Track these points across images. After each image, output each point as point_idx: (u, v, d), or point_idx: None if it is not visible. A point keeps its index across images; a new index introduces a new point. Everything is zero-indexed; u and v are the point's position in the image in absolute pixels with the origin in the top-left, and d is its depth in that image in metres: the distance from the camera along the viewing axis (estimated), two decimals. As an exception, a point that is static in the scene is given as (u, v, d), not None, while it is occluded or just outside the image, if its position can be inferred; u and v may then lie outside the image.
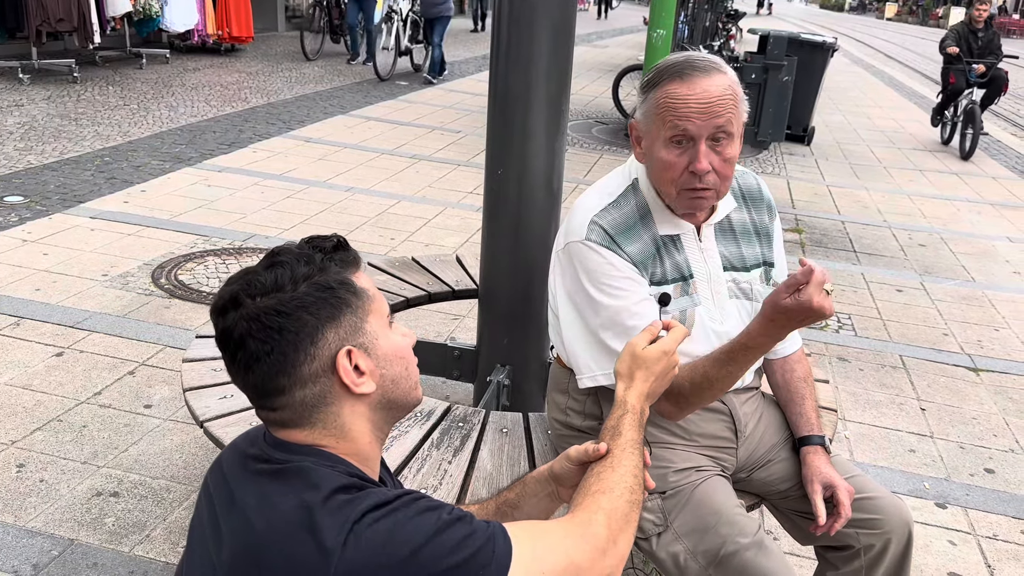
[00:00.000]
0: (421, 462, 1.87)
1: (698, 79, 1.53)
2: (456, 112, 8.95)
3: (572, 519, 1.12)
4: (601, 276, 1.61)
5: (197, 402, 2.03)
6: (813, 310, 1.40)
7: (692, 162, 1.55)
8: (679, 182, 1.58)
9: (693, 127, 1.53)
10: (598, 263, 1.61)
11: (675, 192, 1.60)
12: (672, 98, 1.54)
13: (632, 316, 1.60)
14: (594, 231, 1.62)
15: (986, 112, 9.61)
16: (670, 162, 1.57)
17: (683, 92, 1.53)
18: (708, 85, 1.52)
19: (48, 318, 3.56)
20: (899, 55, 24.30)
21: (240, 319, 1.00)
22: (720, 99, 1.52)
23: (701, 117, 1.52)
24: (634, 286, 1.62)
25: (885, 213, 6.44)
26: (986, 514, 2.80)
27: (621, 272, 1.61)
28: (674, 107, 1.54)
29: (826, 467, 1.71)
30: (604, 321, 1.62)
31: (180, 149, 6.47)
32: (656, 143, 1.58)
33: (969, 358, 3.98)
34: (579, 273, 1.64)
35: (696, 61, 1.56)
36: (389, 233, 5.00)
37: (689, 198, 1.60)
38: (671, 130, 1.55)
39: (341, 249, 1.08)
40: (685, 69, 1.54)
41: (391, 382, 1.08)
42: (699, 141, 1.54)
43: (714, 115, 1.52)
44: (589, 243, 1.62)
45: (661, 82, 1.56)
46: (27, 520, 2.37)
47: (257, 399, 1.05)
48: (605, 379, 1.67)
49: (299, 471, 1.00)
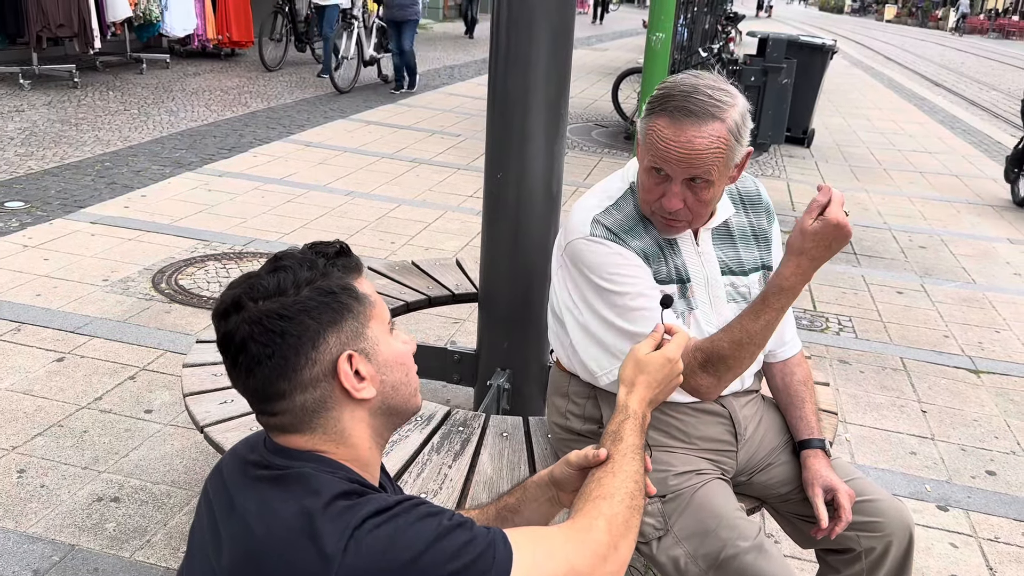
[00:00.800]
0: (421, 466, 1.87)
1: (687, 127, 1.49)
2: (456, 116, 8.95)
3: (572, 525, 1.12)
4: (608, 266, 1.61)
5: (197, 407, 2.03)
6: (840, 227, 1.44)
7: (665, 196, 1.57)
8: (652, 204, 1.61)
9: (669, 169, 1.54)
10: (604, 254, 1.61)
11: (650, 211, 1.63)
12: (657, 135, 1.53)
13: (645, 298, 1.60)
14: (597, 228, 1.63)
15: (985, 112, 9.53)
16: (648, 187, 1.59)
17: (668, 134, 1.51)
18: (695, 135, 1.49)
19: (49, 323, 3.56)
20: (899, 57, 24.33)
21: (242, 322, 1.01)
22: (703, 152, 1.50)
23: (679, 164, 1.52)
24: (643, 273, 1.62)
25: (885, 215, 6.44)
26: (988, 516, 2.80)
27: (628, 260, 1.61)
28: (656, 144, 1.53)
29: (826, 471, 1.71)
30: (620, 310, 1.61)
31: (180, 154, 6.48)
32: (641, 163, 1.61)
33: (970, 360, 3.98)
34: (584, 269, 1.63)
35: (697, 100, 1.50)
36: (389, 237, 5.01)
37: (661, 222, 1.63)
38: (651, 160, 1.56)
39: (343, 255, 1.09)
40: (677, 111, 1.50)
41: (391, 388, 1.09)
42: (674, 182, 1.55)
43: (693, 166, 1.52)
44: (593, 238, 1.62)
45: (656, 111, 1.54)
46: (28, 526, 2.37)
47: (257, 403, 1.05)
48: (609, 379, 1.68)
49: (299, 477, 1.00)
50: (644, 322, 1.59)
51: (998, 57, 27.44)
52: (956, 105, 13.88)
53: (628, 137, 8.39)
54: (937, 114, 12.27)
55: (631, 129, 8.33)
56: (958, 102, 14.68)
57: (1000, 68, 23.37)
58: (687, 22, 7.93)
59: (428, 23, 19.64)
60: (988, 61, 25.69)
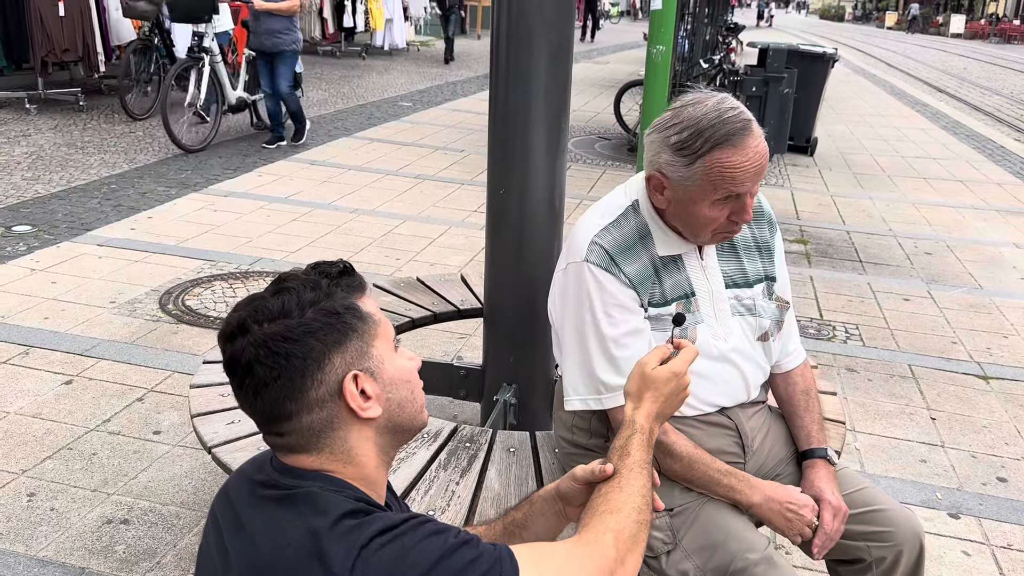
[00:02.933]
0: (429, 484, 1.87)
1: (749, 142, 1.53)
2: (460, 131, 8.99)
3: (579, 540, 1.12)
4: (596, 300, 1.63)
5: (205, 428, 2.04)
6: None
7: (735, 213, 1.58)
8: (719, 227, 1.61)
9: (747, 189, 1.56)
10: (595, 287, 1.63)
11: (710, 235, 1.63)
12: (728, 167, 1.53)
13: (619, 347, 1.62)
14: (594, 252, 1.64)
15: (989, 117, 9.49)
16: (714, 217, 1.59)
17: (738, 161, 1.53)
18: (758, 146, 1.54)
19: (57, 346, 3.58)
20: (900, 63, 24.35)
21: (248, 345, 1.01)
22: (765, 154, 1.55)
23: (755, 178, 1.55)
24: (626, 315, 1.63)
25: (890, 222, 6.43)
26: (1000, 524, 2.78)
27: (616, 299, 1.63)
28: (731, 175, 1.53)
29: (821, 481, 1.70)
30: (595, 345, 1.64)
31: (186, 175, 6.52)
32: (700, 203, 1.58)
33: (978, 366, 3.96)
34: (579, 294, 1.65)
35: (735, 121, 1.53)
36: (394, 253, 5.02)
37: (723, 237, 1.65)
38: (723, 193, 1.56)
39: (347, 274, 1.10)
40: (733, 135, 1.52)
41: (397, 406, 1.09)
42: (748, 196, 1.57)
43: (763, 171, 1.56)
44: (589, 264, 1.63)
45: (709, 149, 1.53)
46: (38, 550, 2.37)
47: (264, 424, 1.06)
48: (581, 404, 1.69)
49: (306, 496, 1.01)
50: (611, 373, 1.62)
51: (1000, 62, 27.44)
52: (959, 110, 13.88)
53: (631, 149, 8.40)
54: (940, 119, 12.26)
55: (634, 141, 8.35)
56: (961, 107, 14.67)
57: (1003, 72, 23.37)
58: (688, 34, 7.96)
59: (430, 40, 19.76)
60: (990, 66, 25.69)
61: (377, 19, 15.57)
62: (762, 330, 1.74)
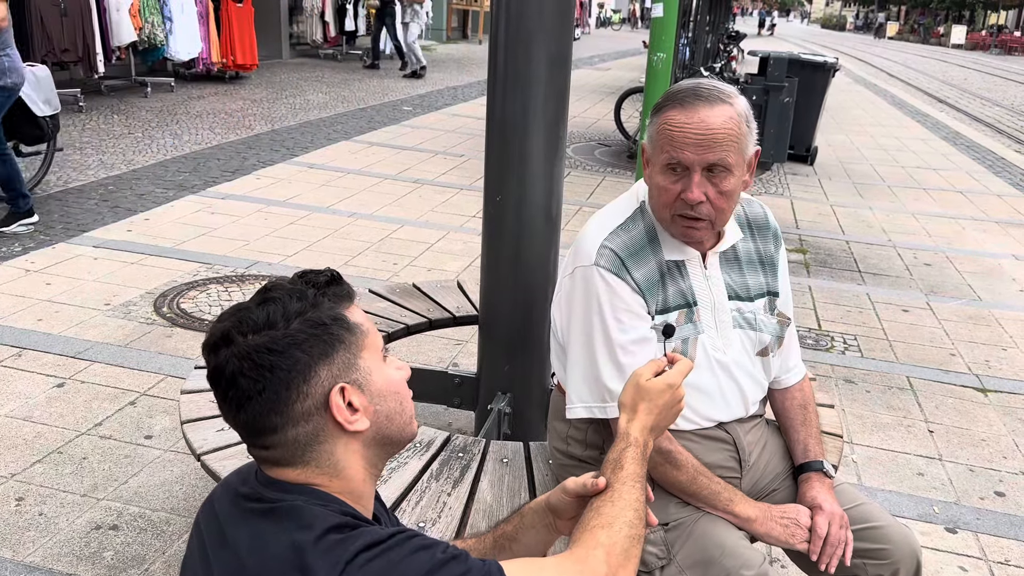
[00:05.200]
0: (420, 494, 1.85)
1: (699, 108, 1.51)
2: (459, 136, 8.98)
3: (570, 556, 1.10)
4: (605, 305, 1.60)
5: (195, 434, 2.01)
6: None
7: (684, 191, 1.54)
8: (673, 207, 1.58)
9: (686, 157, 1.52)
10: (605, 291, 1.60)
11: (669, 217, 1.60)
12: (670, 125, 1.53)
13: (626, 353, 1.59)
14: (604, 255, 1.61)
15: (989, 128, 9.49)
16: (665, 187, 1.57)
17: (681, 120, 1.52)
18: (708, 115, 1.51)
19: (50, 348, 3.55)
20: (901, 73, 24.38)
21: (232, 357, 0.99)
22: (717, 131, 1.50)
23: (696, 149, 1.51)
24: (635, 321, 1.60)
25: (890, 232, 6.42)
26: (997, 539, 2.76)
27: (625, 304, 1.60)
28: (671, 135, 1.53)
29: (814, 491, 1.68)
30: (603, 352, 1.61)
31: (184, 177, 6.50)
32: (655, 168, 1.59)
33: (977, 378, 3.94)
34: (587, 299, 1.62)
35: (702, 89, 1.54)
36: (392, 258, 5.00)
37: (682, 226, 1.59)
38: (667, 157, 1.54)
39: (334, 284, 1.08)
40: (688, 97, 1.53)
41: (385, 418, 1.07)
42: (693, 171, 1.53)
43: (709, 148, 1.50)
44: (599, 268, 1.60)
45: (664, 107, 1.55)
46: (25, 555, 2.35)
47: (249, 437, 1.04)
48: (586, 412, 1.66)
49: (291, 510, 0.99)
50: (617, 380, 1.59)
51: (1001, 73, 27.49)
52: (959, 121, 13.89)
53: (631, 156, 8.40)
54: (940, 130, 12.27)
55: (634, 148, 8.34)
56: (961, 118, 14.69)
57: (1003, 84, 23.41)
58: (689, 41, 7.96)
59: (432, 44, 19.77)
60: (991, 77, 25.73)
61: (379, 23, 15.55)
62: (762, 345, 1.72)
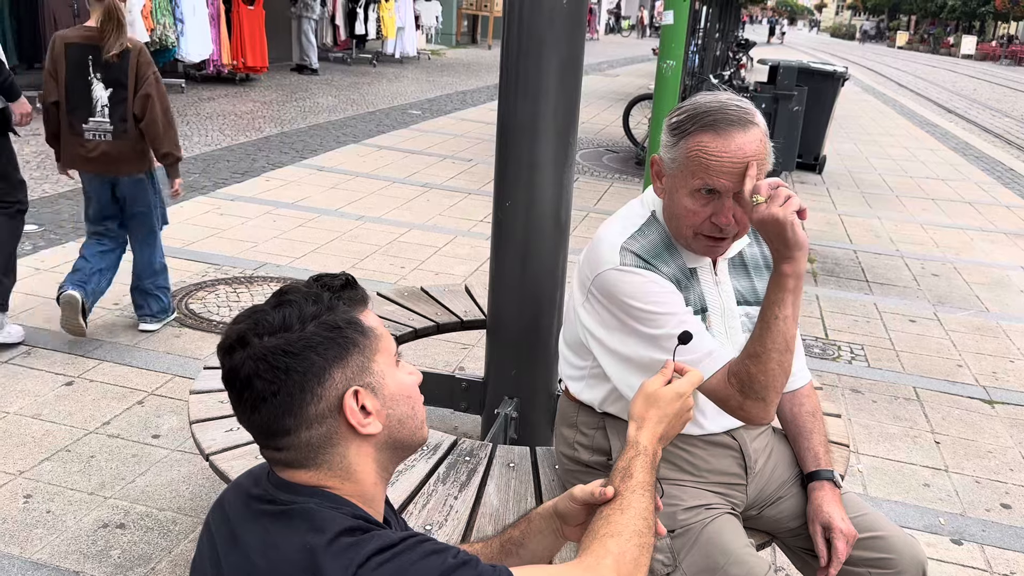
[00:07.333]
0: (427, 497, 1.85)
1: (733, 135, 1.48)
2: (468, 140, 9.00)
3: (579, 564, 1.10)
4: (645, 294, 1.55)
5: (203, 435, 2.02)
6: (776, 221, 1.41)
7: (716, 214, 1.52)
8: (699, 228, 1.56)
9: (723, 185, 1.50)
10: (640, 283, 1.55)
11: (691, 235, 1.58)
12: (705, 152, 1.49)
13: (684, 325, 1.53)
14: (627, 256, 1.58)
15: (998, 139, 9.48)
16: (694, 211, 1.54)
17: (717, 148, 1.48)
18: (744, 142, 1.48)
19: (59, 347, 3.57)
20: (911, 83, 24.34)
21: (247, 359, 1.00)
22: (753, 158, 1.48)
23: (732, 177, 1.49)
24: (678, 300, 1.57)
25: (897, 242, 6.41)
26: (1003, 551, 2.75)
27: (664, 288, 1.56)
28: (706, 162, 1.49)
29: (829, 505, 1.68)
30: (661, 334, 1.54)
31: (193, 178, 6.52)
32: (680, 190, 1.55)
33: (984, 390, 3.93)
34: (620, 297, 1.57)
35: (731, 111, 1.49)
36: (399, 262, 5.01)
37: (707, 245, 1.58)
38: (700, 183, 1.51)
39: (349, 288, 1.08)
40: (719, 121, 1.48)
41: (397, 422, 1.08)
42: (726, 196, 1.51)
43: (750, 174, 1.48)
44: (626, 268, 1.57)
45: (693, 131, 1.51)
46: (32, 552, 2.36)
47: (262, 439, 1.05)
48: None
49: (303, 513, 0.99)
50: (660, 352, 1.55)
51: (1011, 84, 27.42)
52: (969, 132, 13.86)
53: (639, 162, 8.40)
54: (949, 141, 12.25)
55: (642, 155, 8.34)
56: (971, 129, 14.66)
57: (1013, 95, 23.35)
58: (698, 49, 7.97)
59: (440, 48, 19.81)
60: (1001, 87, 25.67)
61: (389, 27, 15.66)
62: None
